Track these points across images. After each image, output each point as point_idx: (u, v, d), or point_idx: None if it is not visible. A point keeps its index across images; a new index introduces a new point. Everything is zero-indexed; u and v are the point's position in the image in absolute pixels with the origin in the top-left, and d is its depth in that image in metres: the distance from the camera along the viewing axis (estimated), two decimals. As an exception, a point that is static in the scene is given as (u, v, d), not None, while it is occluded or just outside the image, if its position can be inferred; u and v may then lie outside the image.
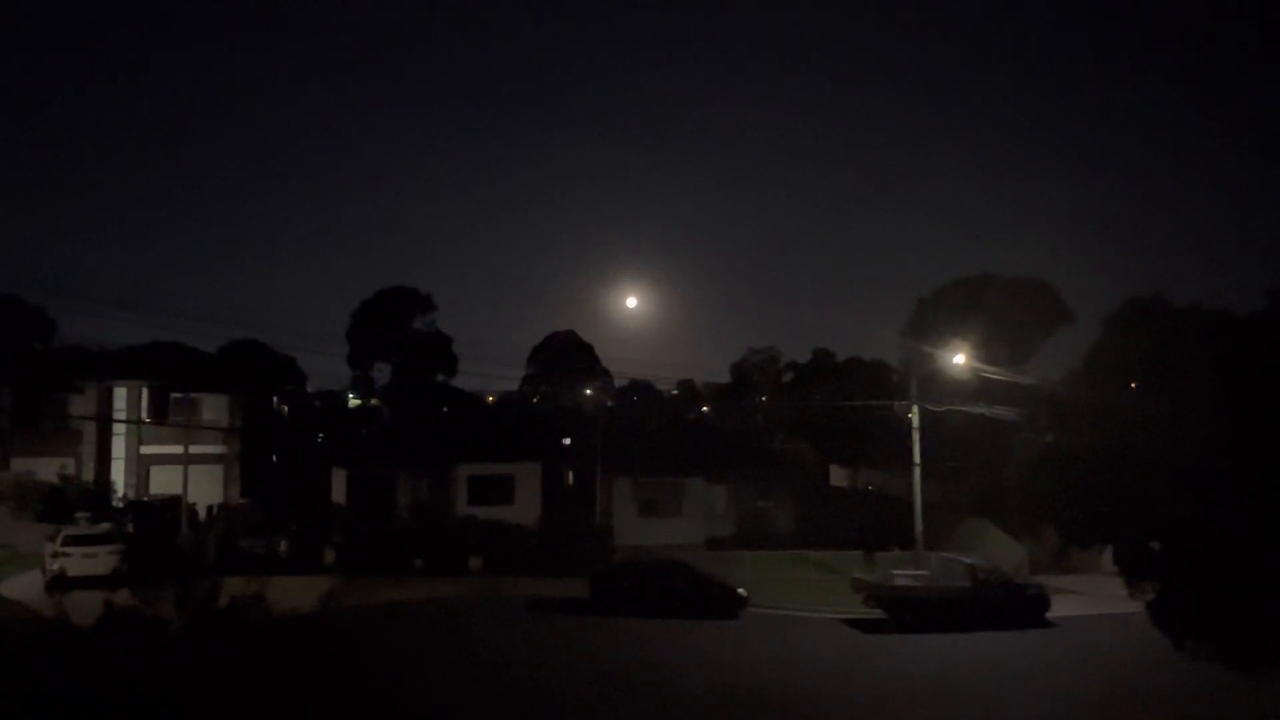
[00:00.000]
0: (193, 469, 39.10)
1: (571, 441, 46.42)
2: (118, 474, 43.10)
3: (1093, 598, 30.60)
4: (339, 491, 40.93)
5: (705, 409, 74.78)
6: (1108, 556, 29.43)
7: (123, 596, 13.40)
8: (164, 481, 41.76)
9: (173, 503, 37.44)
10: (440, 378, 57.48)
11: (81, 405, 42.75)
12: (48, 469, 40.80)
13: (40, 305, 47.64)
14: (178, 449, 39.69)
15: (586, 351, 68.24)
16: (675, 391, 78.84)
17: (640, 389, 72.88)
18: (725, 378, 74.52)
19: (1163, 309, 14.23)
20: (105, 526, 31.60)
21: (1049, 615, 27.90)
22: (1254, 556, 11.88)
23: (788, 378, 71.16)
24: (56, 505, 37.97)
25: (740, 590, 28.26)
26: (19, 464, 40.72)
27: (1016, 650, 24.53)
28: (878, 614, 27.29)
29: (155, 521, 35.43)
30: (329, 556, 33.82)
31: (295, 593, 13.42)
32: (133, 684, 11.47)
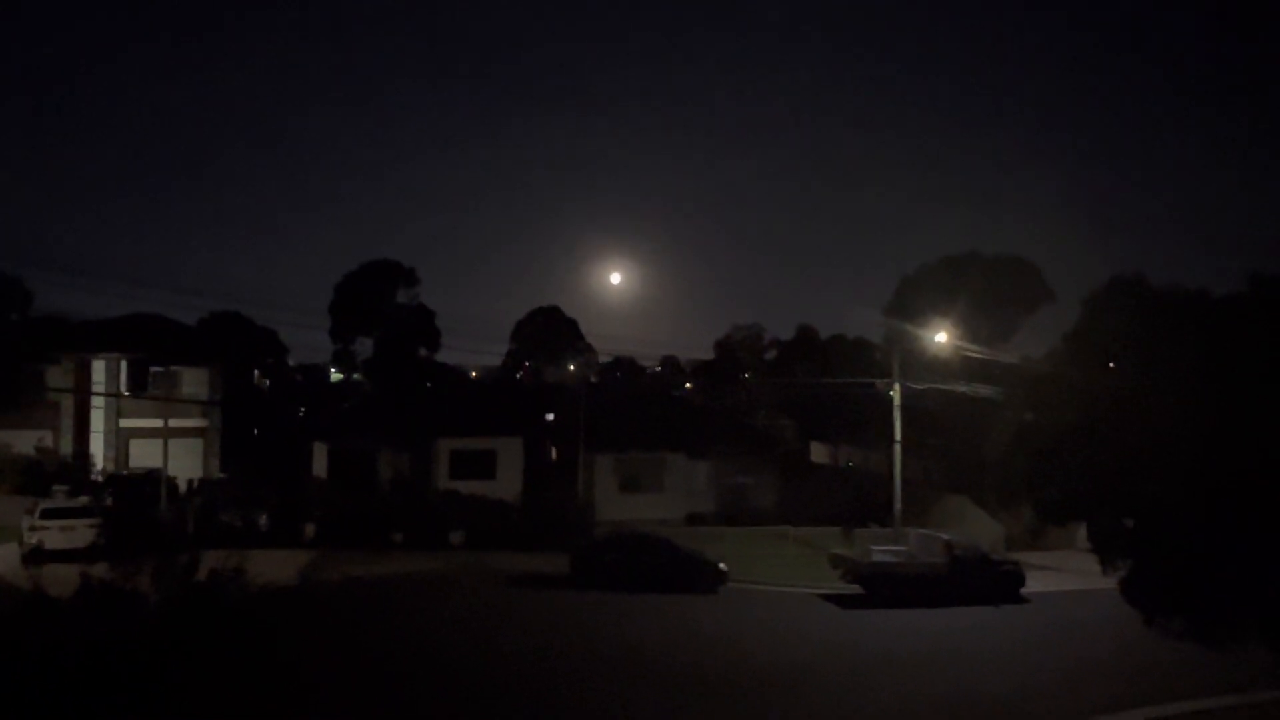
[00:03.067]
0: (172, 442, 38.89)
1: (554, 417, 46.40)
2: (96, 447, 42.79)
3: (1067, 574, 31.02)
4: (320, 466, 40.81)
5: (688, 385, 74.93)
6: (1082, 534, 29.79)
7: (100, 570, 13.33)
8: (143, 455, 41.50)
9: (152, 476, 37.23)
10: (423, 352, 57.26)
11: (59, 377, 42.33)
12: (25, 441, 40.46)
13: (16, 276, 47.11)
14: (157, 422, 39.46)
15: (570, 327, 68.14)
16: (658, 368, 78.97)
17: (623, 365, 72.92)
18: (709, 354, 74.64)
19: (1143, 290, 14.30)
20: (83, 500, 31.41)
21: (1024, 591, 28.29)
22: (1224, 536, 12.06)
23: (771, 355, 71.35)
24: (34, 478, 37.72)
25: (720, 565, 28.44)
26: (-5, 436, 40.35)
27: (992, 625, 24.86)
28: (856, 589, 27.57)
29: (134, 495, 35.24)
30: (309, 531, 33.79)
31: (275, 566, 13.41)
32: (110, 657, 11.45)
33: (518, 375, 68.66)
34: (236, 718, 12.46)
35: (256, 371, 58.10)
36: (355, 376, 61.07)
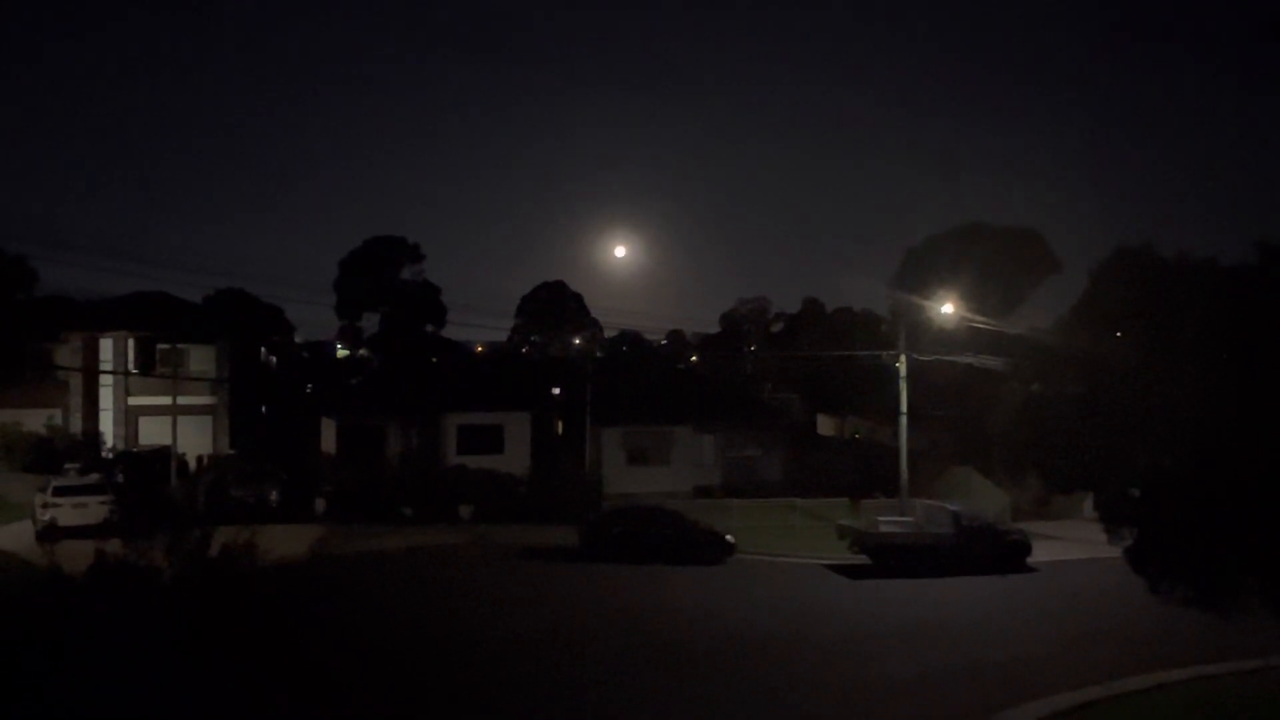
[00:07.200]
0: (181, 420, 39.08)
1: (560, 391, 46.51)
2: (106, 425, 43.02)
3: (1073, 543, 31.12)
4: (328, 441, 41.02)
5: (694, 358, 74.98)
6: (1088, 503, 29.84)
7: (114, 546, 13.49)
8: (153, 432, 41.72)
9: (162, 453, 37.46)
10: (429, 328, 57.34)
11: (67, 356, 42.51)
12: (35, 420, 40.71)
13: (22, 255, 47.23)
14: (166, 400, 39.61)
15: (575, 301, 68.22)
16: (664, 341, 78.97)
17: (629, 339, 72.95)
18: (714, 327, 74.71)
19: (1150, 259, 14.22)
20: (95, 477, 31.62)
21: (1030, 560, 28.40)
22: (1229, 505, 12.10)
23: (777, 327, 71.33)
24: (45, 456, 38.01)
25: (728, 537, 28.61)
26: (5, 415, 40.58)
27: (998, 594, 25.00)
28: (863, 560, 27.72)
29: (145, 472, 35.44)
30: (320, 506, 34.01)
31: (286, 542, 13.54)
32: (125, 632, 11.61)
33: (524, 350, 68.79)
34: (251, 690, 12.64)
35: (263, 349, 58.23)
36: (362, 353, 61.26)
